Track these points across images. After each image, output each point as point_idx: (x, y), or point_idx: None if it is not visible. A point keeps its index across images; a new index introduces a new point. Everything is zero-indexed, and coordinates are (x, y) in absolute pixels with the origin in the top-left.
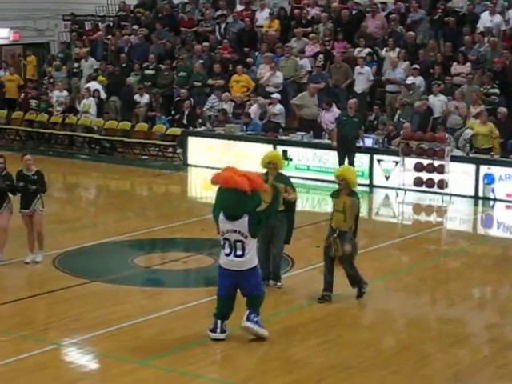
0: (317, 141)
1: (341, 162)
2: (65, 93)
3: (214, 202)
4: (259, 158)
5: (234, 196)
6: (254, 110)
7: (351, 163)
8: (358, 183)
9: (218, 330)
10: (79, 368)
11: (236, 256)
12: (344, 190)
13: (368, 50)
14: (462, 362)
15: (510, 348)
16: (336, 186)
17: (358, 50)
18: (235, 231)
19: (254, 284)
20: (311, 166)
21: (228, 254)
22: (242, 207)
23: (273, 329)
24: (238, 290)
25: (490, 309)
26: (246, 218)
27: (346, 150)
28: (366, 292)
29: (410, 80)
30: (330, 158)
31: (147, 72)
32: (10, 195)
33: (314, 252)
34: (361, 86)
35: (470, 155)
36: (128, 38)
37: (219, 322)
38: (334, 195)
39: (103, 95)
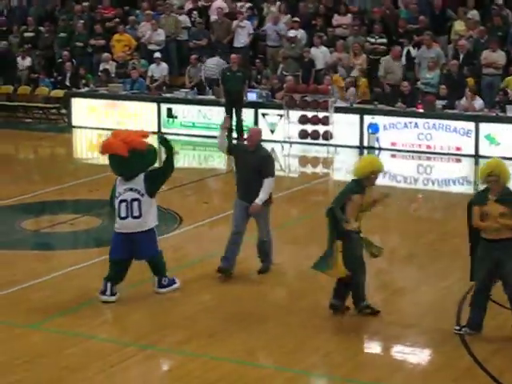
0: (201, 97)
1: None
2: None
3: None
4: (144, 116)
5: (116, 160)
6: None
7: (239, 118)
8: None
9: (108, 293)
10: None
11: (133, 217)
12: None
13: (249, 4)
14: (351, 311)
15: (398, 294)
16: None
17: (239, 4)
18: (131, 189)
19: (149, 246)
20: (196, 123)
21: (125, 217)
22: (129, 168)
23: None
24: None
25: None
26: (141, 176)
27: (233, 106)
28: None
29: (291, 33)
30: (215, 114)
31: (27, 35)
32: None
33: (202, 209)
34: (241, 40)
35: (354, 105)
36: (7, 1)
37: (109, 284)
38: None
39: None
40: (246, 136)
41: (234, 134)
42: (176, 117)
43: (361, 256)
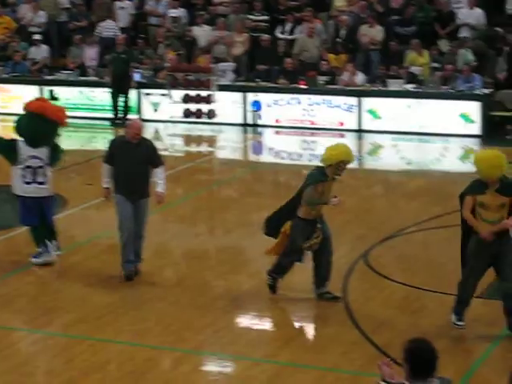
0: (83, 78)
1: (114, 100)
2: None
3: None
4: (26, 99)
5: (47, 126)
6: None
7: (125, 100)
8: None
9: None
10: None
11: (38, 183)
12: None
13: None
14: (240, 288)
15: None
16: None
17: None
18: (36, 157)
19: (53, 211)
20: (78, 105)
21: (29, 182)
22: (48, 137)
23: (50, 270)
24: None
25: None
26: (46, 148)
27: (119, 87)
28: None
29: (172, 12)
30: (97, 95)
31: None
32: None
33: (87, 190)
34: (123, 20)
35: (237, 83)
36: None
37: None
38: None
39: None
40: (126, 129)
41: (120, 115)
42: (58, 99)
43: (298, 243)
